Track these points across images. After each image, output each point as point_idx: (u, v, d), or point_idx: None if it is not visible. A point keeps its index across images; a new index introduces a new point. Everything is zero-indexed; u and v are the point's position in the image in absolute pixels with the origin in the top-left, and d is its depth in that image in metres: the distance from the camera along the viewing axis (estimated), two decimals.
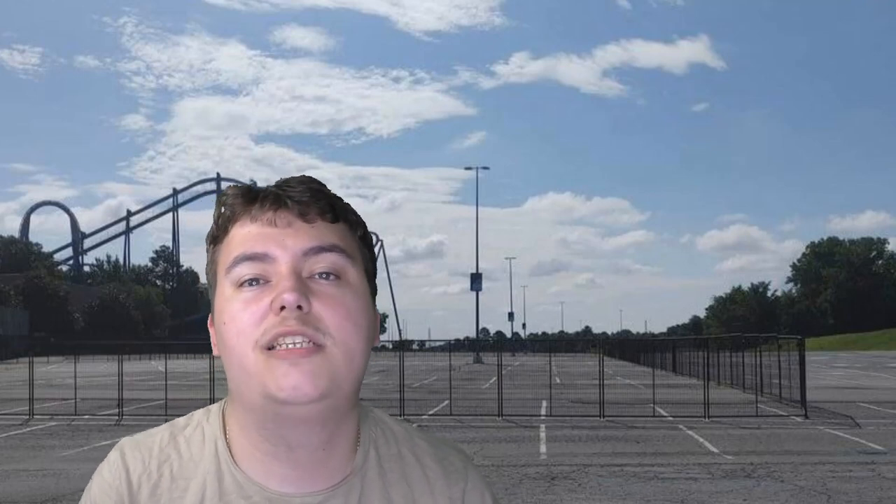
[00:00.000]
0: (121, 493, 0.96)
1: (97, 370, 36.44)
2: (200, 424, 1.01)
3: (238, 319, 0.90)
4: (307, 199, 0.94)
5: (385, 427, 1.05)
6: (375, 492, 0.98)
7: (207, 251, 0.99)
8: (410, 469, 1.02)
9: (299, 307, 0.88)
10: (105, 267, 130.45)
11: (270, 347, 0.88)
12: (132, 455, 0.99)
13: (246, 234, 0.94)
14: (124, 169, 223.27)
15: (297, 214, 0.93)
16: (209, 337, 0.99)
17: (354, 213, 1.00)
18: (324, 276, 0.92)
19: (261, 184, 1.02)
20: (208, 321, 1.00)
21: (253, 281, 0.92)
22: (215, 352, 0.97)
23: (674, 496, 9.56)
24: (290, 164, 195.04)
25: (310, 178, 0.98)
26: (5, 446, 13.86)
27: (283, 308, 0.88)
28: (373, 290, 0.98)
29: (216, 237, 0.98)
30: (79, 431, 15.80)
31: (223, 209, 0.97)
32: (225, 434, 0.99)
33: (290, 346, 0.88)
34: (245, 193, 0.96)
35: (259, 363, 0.88)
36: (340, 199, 0.99)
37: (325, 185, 0.98)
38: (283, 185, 0.96)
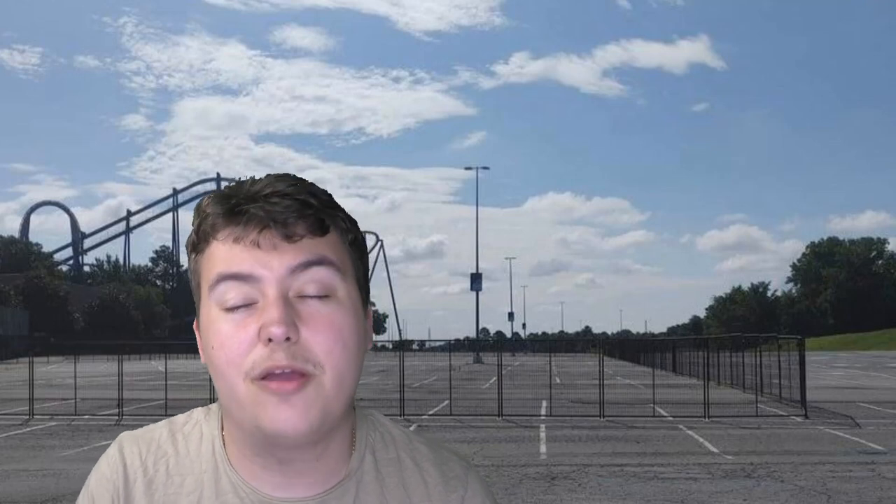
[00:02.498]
0: (117, 487, 0.96)
1: (97, 370, 36.44)
2: (199, 423, 1.01)
3: (227, 347, 0.87)
4: (293, 220, 0.88)
5: (384, 431, 1.03)
6: (371, 496, 0.97)
7: (189, 257, 0.96)
8: (409, 474, 1.00)
9: (287, 338, 0.85)
10: (105, 267, 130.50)
11: (261, 377, 0.86)
12: (130, 449, 0.99)
13: (228, 253, 0.89)
14: (124, 169, 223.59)
15: (283, 237, 0.88)
16: None
17: (345, 218, 0.94)
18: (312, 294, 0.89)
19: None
20: (194, 324, 0.98)
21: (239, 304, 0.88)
22: (203, 359, 0.95)
23: (674, 496, 9.56)
24: (290, 164, 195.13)
25: (297, 184, 0.91)
26: (5, 446, 13.86)
27: (270, 339, 0.85)
28: (365, 295, 0.96)
29: (196, 245, 0.93)
30: (79, 431, 15.80)
31: (203, 224, 0.92)
32: (222, 435, 0.99)
33: (280, 375, 0.86)
34: (227, 212, 0.90)
35: (250, 395, 0.86)
36: (330, 205, 0.93)
37: (313, 189, 0.92)
38: (268, 199, 0.88)
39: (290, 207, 0.88)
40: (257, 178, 0.93)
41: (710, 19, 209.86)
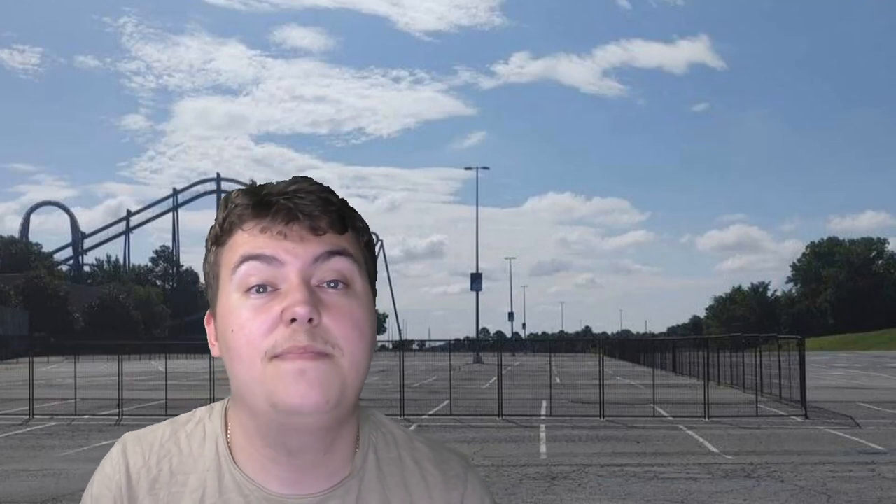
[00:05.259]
0: (120, 486, 0.98)
1: (97, 370, 36.43)
2: (202, 421, 1.02)
3: (247, 329, 0.90)
4: (318, 213, 0.93)
5: (385, 430, 1.06)
6: (374, 494, 0.99)
7: (208, 251, 0.98)
8: (409, 473, 1.02)
9: (310, 320, 0.88)
10: (105, 267, 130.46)
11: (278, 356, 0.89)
12: (133, 449, 1.00)
13: (254, 240, 0.93)
14: (124, 169, 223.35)
15: (309, 228, 0.93)
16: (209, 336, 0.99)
17: (360, 219, 0.99)
18: (332, 284, 0.92)
19: (261, 182, 1.00)
20: (205, 318, 1.00)
21: (260, 288, 0.91)
22: (214, 352, 0.97)
23: (674, 496, 9.56)
24: (290, 164, 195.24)
25: (317, 185, 0.96)
26: (5, 446, 13.86)
27: (293, 320, 0.88)
28: (374, 294, 1.00)
29: (219, 238, 0.96)
30: (79, 431, 15.80)
31: (230, 215, 0.95)
32: (226, 433, 1.00)
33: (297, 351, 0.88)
34: (256, 204, 0.94)
35: (268, 373, 0.88)
36: (347, 206, 0.98)
37: (332, 192, 0.97)
38: (294, 195, 0.93)
39: (315, 202, 0.93)
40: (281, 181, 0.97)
41: (710, 19, 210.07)
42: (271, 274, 0.91)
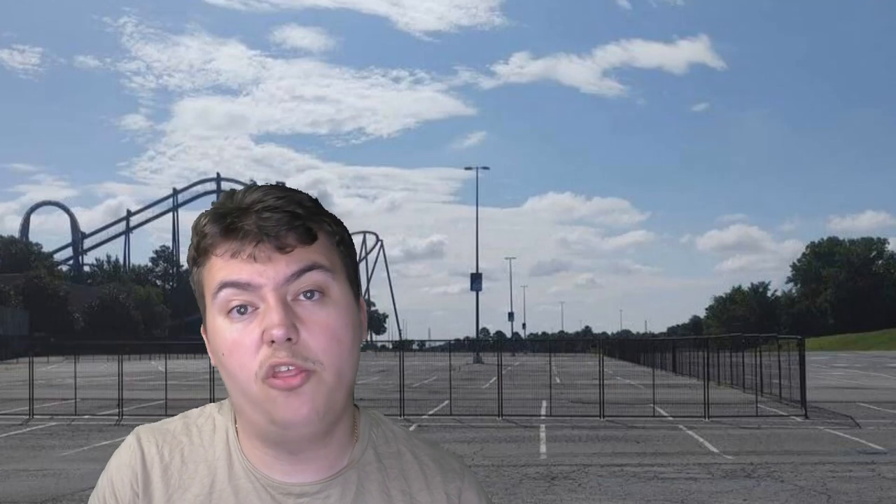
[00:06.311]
0: (135, 471, 1.04)
1: (97, 370, 36.44)
2: (212, 415, 1.09)
3: (236, 354, 0.95)
4: (284, 232, 0.95)
5: (385, 427, 1.11)
6: (374, 484, 1.04)
7: (190, 269, 1.03)
8: (408, 466, 1.08)
9: (288, 339, 0.93)
10: (105, 267, 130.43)
11: (268, 376, 0.94)
12: (147, 438, 1.07)
13: (227, 265, 0.97)
14: (124, 169, 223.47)
15: (276, 248, 0.95)
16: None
17: (331, 221, 1.01)
18: (308, 294, 0.96)
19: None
20: (202, 329, 1.04)
21: (241, 308, 0.96)
22: (213, 361, 1.01)
23: (674, 496, 9.56)
24: (290, 164, 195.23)
25: (285, 196, 0.97)
26: (5, 446, 13.86)
27: (273, 341, 0.93)
28: (356, 291, 1.03)
29: (196, 260, 1.01)
30: (79, 431, 15.80)
31: (201, 242, 0.98)
32: (235, 425, 1.06)
33: (284, 371, 0.93)
34: (223, 231, 0.97)
35: (261, 394, 0.95)
36: (316, 212, 0.99)
37: (299, 198, 0.98)
38: (259, 214, 0.95)
39: (280, 220, 0.96)
40: (247, 187, 1.00)
41: (710, 19, 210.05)
42: (249, 296, 0.95)
